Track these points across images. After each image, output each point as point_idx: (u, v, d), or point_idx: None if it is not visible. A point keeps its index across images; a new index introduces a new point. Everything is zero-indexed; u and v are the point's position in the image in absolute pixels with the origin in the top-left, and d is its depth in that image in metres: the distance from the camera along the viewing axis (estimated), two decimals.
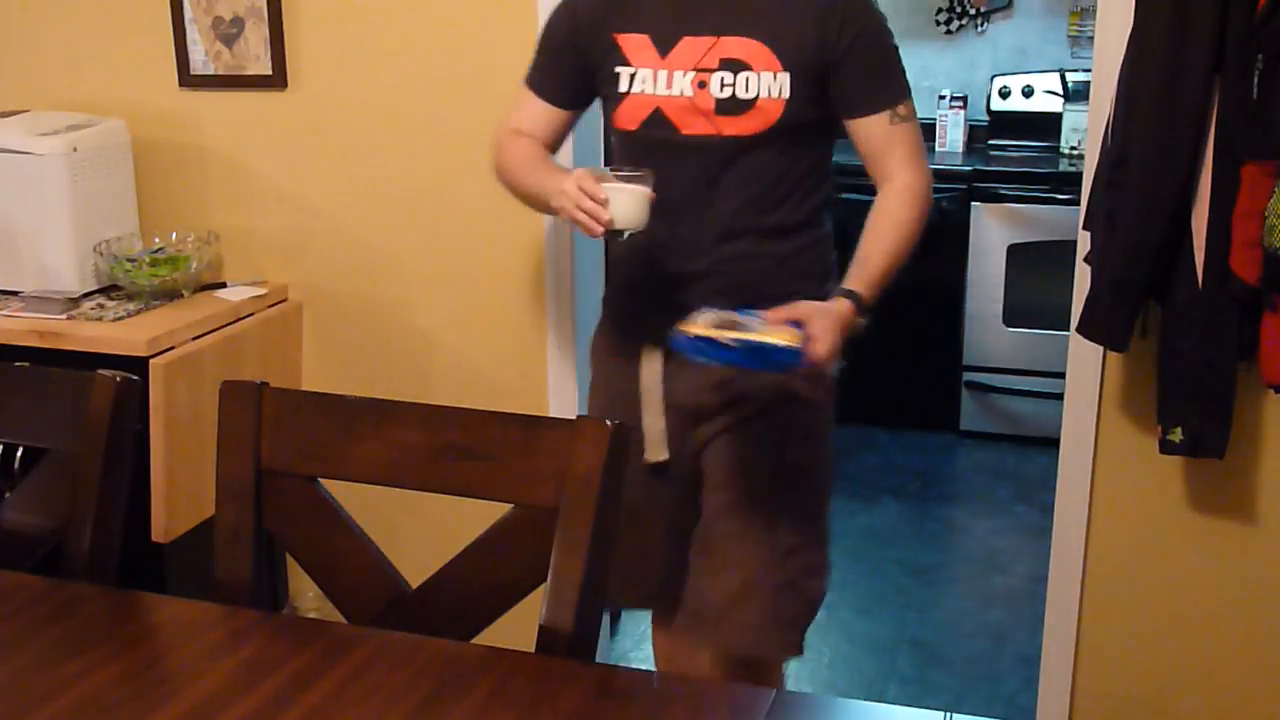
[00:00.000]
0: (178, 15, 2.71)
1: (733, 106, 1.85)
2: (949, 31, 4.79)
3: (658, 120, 1.89)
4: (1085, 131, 2.31)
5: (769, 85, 1.84)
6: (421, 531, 2.29)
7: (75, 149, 2.58)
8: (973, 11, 4.74)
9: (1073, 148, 4.43)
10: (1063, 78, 4.55)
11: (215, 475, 1.50)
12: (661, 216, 1.81)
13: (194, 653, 1.29)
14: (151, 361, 2.38)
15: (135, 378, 1.59)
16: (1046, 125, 4.55)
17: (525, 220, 2.51)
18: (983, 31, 4.77)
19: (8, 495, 1.68)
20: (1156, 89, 1.97)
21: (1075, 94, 4.43)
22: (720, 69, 1.85)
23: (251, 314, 2.67)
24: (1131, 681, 2.40)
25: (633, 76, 1.90)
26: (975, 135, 4.69)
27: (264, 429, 1.46)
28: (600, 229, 1.74)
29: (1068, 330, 2.27)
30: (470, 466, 1.40)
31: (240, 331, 2.62)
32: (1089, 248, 2.16)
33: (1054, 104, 4.55)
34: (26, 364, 1.88)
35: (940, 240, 4.37)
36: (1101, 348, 2.22)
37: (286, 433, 1.46)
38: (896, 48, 1.90)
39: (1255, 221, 1.95)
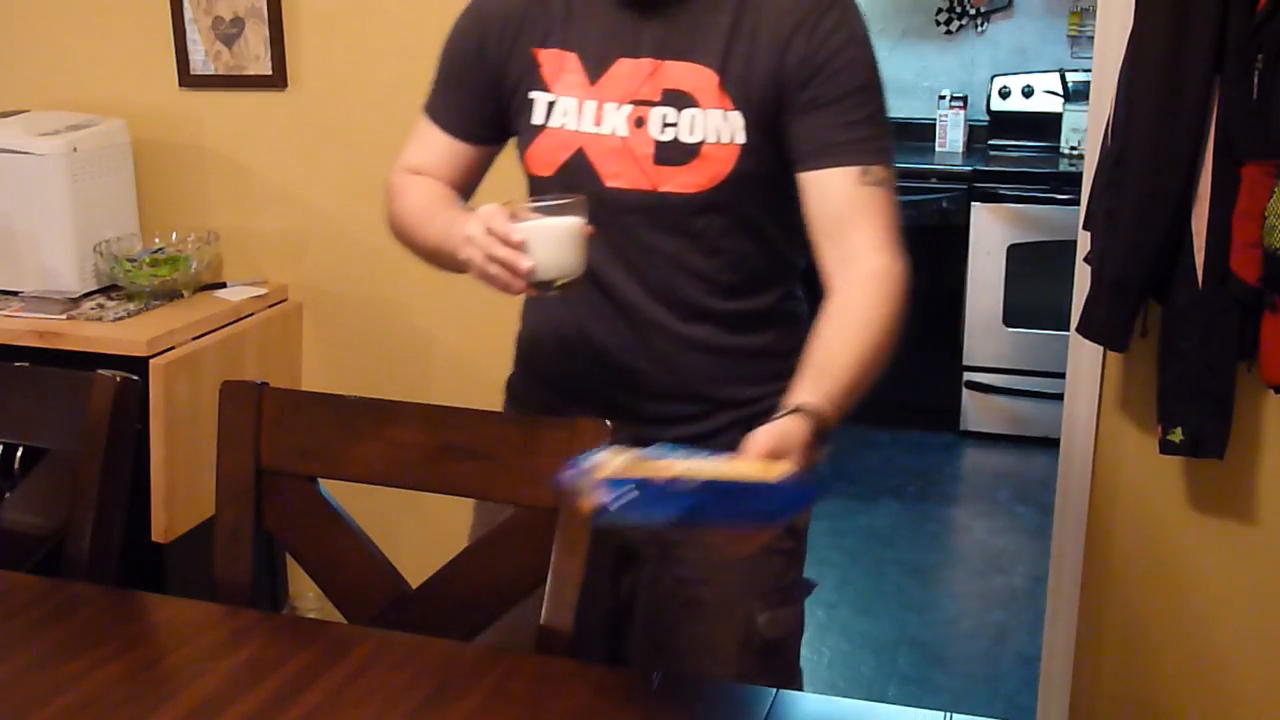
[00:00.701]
0: (178, 15, 2.71)
1: (675, 154, 1.43)
2: (949, 31, 4.79)
3: (579, 166, 1.47)
4: (1085, 131, 2.31)
5: (717, 127, 1.43)
6: (421, 531, 2.29)
7: (75, 149, 2.58)
8: (973, 11, 4.74)
9: (1073, 148, 4.43)
10: (1063, 78, 4.55)
11: (215, 475, 1.50)
12: (585, 294, 1.44)
13: (194, 653, 1.29)
14: (151, 361, 2.38)
15: (135, 378, 1.59)
16: (1046, 125, 4.55)
17: None
18: (983, 31, 4.77)
19: (8, 495, 1.68)
20: (1156, 89, 1.97)
21: (1075, 94, 4.43)
22: (662, 103, 1.44)
23: (251, 314, 2.67)
24: (1131, 681, 2.40)
25: (551, 105, 1.48)
26: (975, 135, 4.70)
27: (264, 429, 1.45)
28: (519, 283, 1.31)
29: (1068, 330, 2.27)
30: (471, 467, 1.40)
31: (240, 331, 2.62)
32: (1089, 248, 2.16)
33: (1054, 104, 4.55)
34: (26, 364, 1.88)
35: (940, 240, 4.37)
36: (1101, 348, 2.22)
37: (286, 433, 1.46)
38: (883, 88, 1.46)
39: (1255, 221, 1.95)
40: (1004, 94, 4.64)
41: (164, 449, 2.38)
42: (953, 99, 4.66)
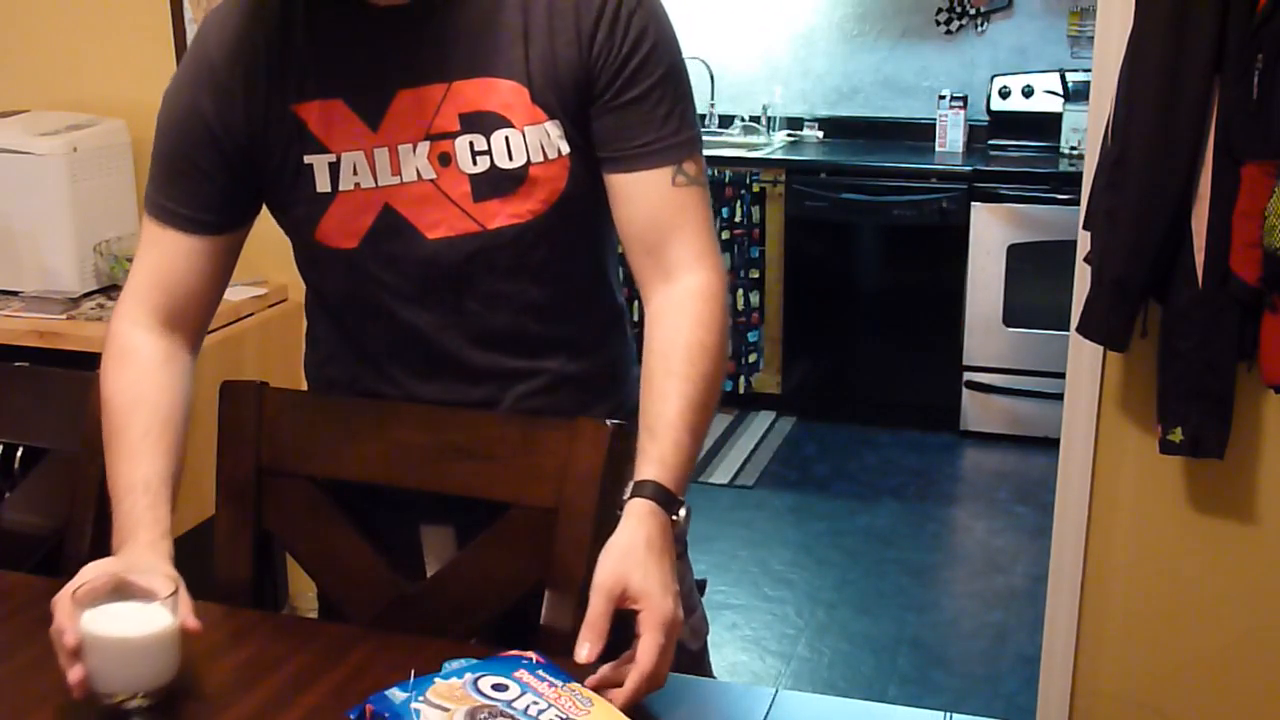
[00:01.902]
0: (178, 15, 2.71)
1: (496, 184, 1.27)
2: (949, 31, 4.80)
3: (390, 225, 1.28)
4: (1085, 131, 2.31)
5: (540, 141, 1.26)
6: None
7: (75, 149, 2.58)
8: (973, 11, 4.74)
9: (1073, 148, 4.43)
10: (1063, 78, 4.56)
11: (215, 475, 1.50)
12: (410, 348, 1.35)
13: (194, 653, 1.29)
14: None
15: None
16: (1046, 125, 4.55)
17: None
18: (983, 31, 4.77)
19: (8, 495, 1.68)
20: (1156, 89, 1.97)
21: (1075, 94, 4.44)
22: (464, 130, 1.26)
23: (251, 314, 2.67)
24: (1131, 681, 2.40)
25: (335, 166, 1.27)
26: (975, 135, 4.70)
27: (264, 429, 1.44)
28: (77, 692, 1.10)
29: (1068, 330, 2.27)
30: (471, 467, 1.38)
31: (240, 331, 2.62)
32: (1089, 248, 2.16)
33: (1054, 104, 4.55)
34: (26, 364, 1.88)
35: (940, 240, 4.37)
36: (1101, 348, 2.21)
37: (286, 433, 1.44)
38: (685, 69, 1.31)
39: (1255, 221, 1.95)
40: (1004, 94, 4.64)
41: None
42: (953, 99, 4.66)
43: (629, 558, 1.15)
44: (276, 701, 1.22)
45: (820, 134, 4.98)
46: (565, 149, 1.28)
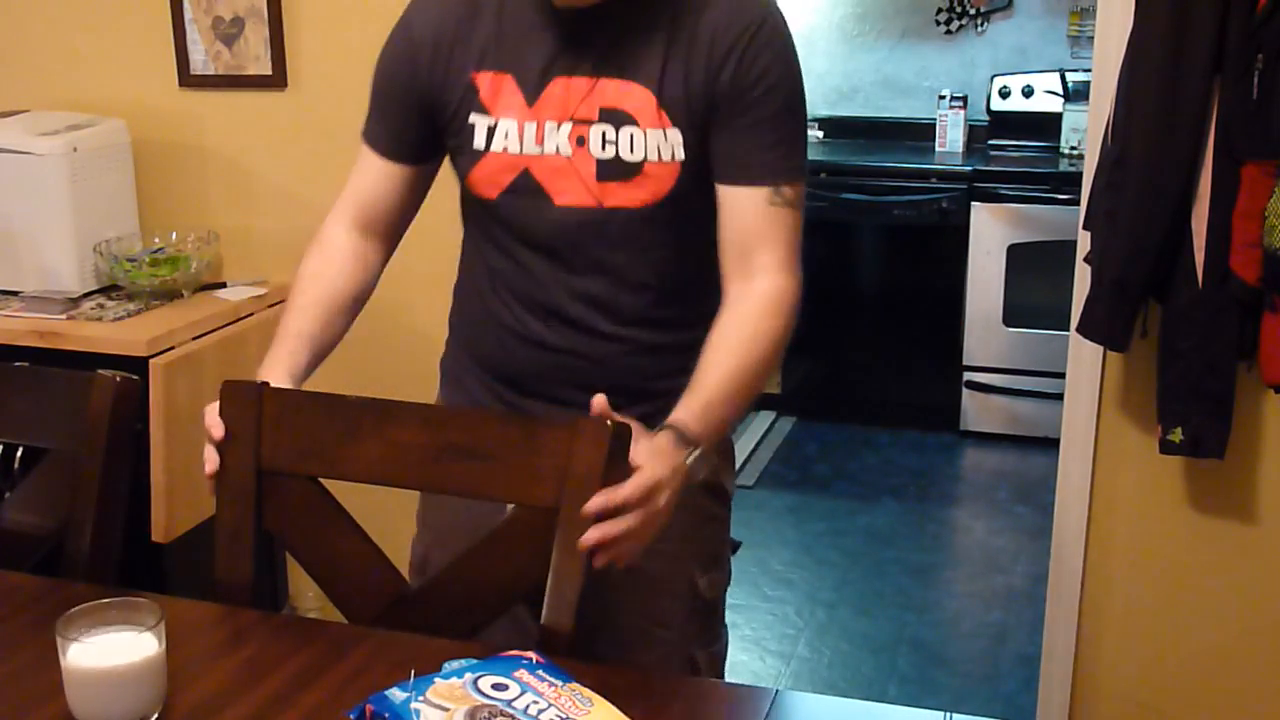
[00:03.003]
0: (178, 15, 2.71)
1: (617, 170, 1.46)
2: (949, 31, 4.80)
3: (526, 186, 1.49)
4: (1085, 131, 2.31)
5: (658, 145, 1.45)
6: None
7: (75, 149, 2.58)
8: (973, 11, 4.74)
9: (1073, 148, 4.43)
10: (1063, 78, 4.56)
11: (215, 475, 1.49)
12: (539, 291, 1.53)
13: (194, 653, 1.29)
14: (151, 361, 2.38)
15: (135, 378, 1.59)
16: (1046, 125, 4.55)
17: None
18: (983, 31, 4.77)
19: (8, 495, 1.68)
20: (1156, 89, 1.97)
21: (1075, 94, 4.44)
22: (600, 121, 1.46)
23: (251, 314, 2.67)
24: (1131, 681, 2.40)
25: (492, 129, 1.49)
26: (975, 135, 4.70)
27: (264, 429, 1.44)
28: (210, 485, 1.44)
29: (1068, 330, 2.27)
30: (471, 467, 1.40)
31: (240, 331, 2.62)
32: (1089, 248, 2.16)
33: (1054, 104, 4.55)
34: (26, 364, 1.88)
35: (940, 240, 4.37)
36: (1101, 348, 2.22)
37: (287, 432, 1.45)
38: (805, 106, 1.50)
39: (1255, 221, 1.95)
40: (1004, 94, 4.64)
41: (164, 449, 2.38)
42: (953, 99, 4.66)
43: (642, 450, 1.31)
44: (276, 701, 1.22)
45: (820, 134, 4.98)
46: (681, 155, 1.46)
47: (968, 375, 4.48)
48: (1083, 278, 2.20)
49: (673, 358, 1.54)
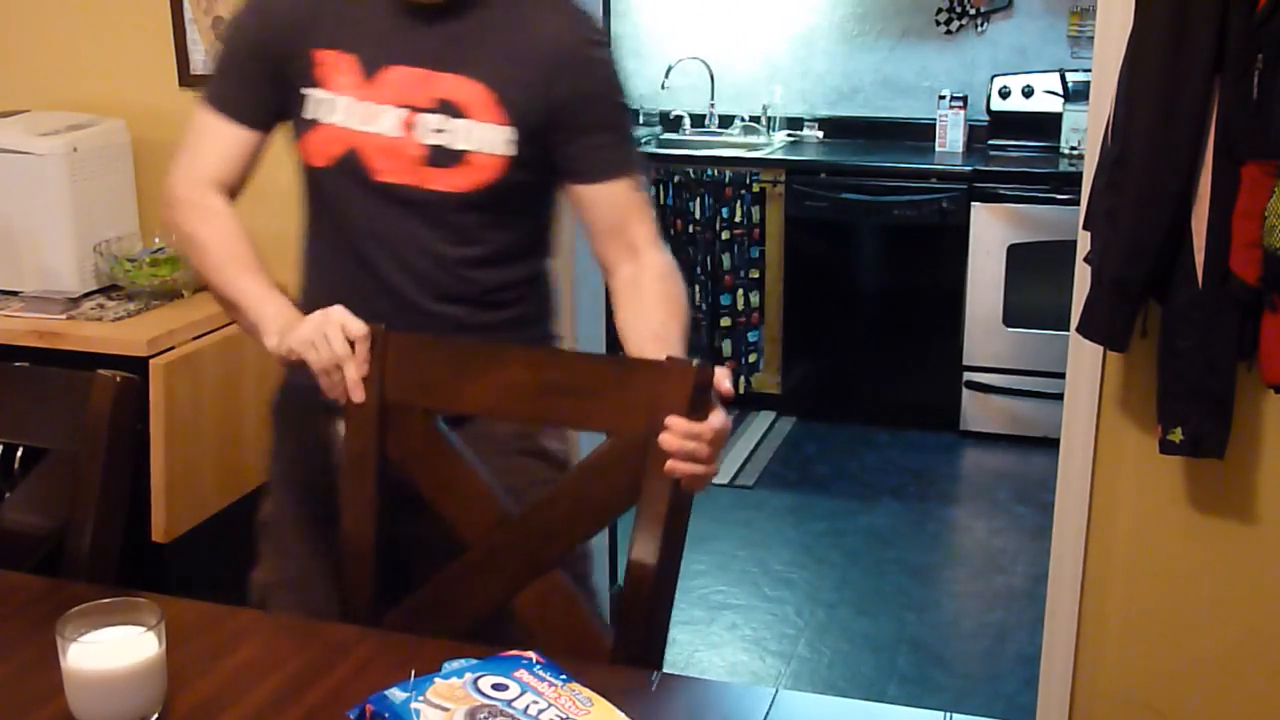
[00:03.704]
0: (178, 15, 2.71)
1: (441, 157, 1.58)
2: (949, 31, 4.80)
3: (350, 162, 1.60)
4: (1085, 131, 2.31)
5: (489, 138, 1.57)
6: None
7: (75, 149, 2.58)
8: (973, 11, 4.75)
9: (1073, 148, 4.43)
10: (1063, 78, 4.56)
11: (345, 408, 1.56)
12: (363, 263, 1.63)
13: (194, 653, 1.29)
14: (151, 361, 2.38)
15: (135, 378, 1.59)
16: (1046, 125, 4.55)
17: None
18: (983, 31, 4.77)
19: (8, 495, 1.68)
20: (1156, 89, 1.97)
21: (1075, 94, 4.43)
22: (435, 110, 1.57)
23: None
24: (1131, 681, 2.40)
25: (326, 103, 1.60)
26: (975, 135, 4.70)
27: (386, 368, 1.56)
28: (355, 396, 1.50)
29: (1068, 330, 2.27)
30: (569, 402, 1.54)
31: (240, 332, 2.61)
32: (1089, 248, 2.16)
33: (1054, 104, 4.55)
34: (26, 364, 1.88)
35: (940, 240, 4.37)
36: (1101, 348, 2.22)
37: (407, 371, 1.57)
38: (629, 112, 1.69)
39: (1255, 221, 1.95)
40: (1004, 94, 4.64)
41: (164, 449, 2.38)
42: (953, 99, 4.66)
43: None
44: (276, 701, 1.22)
45: (820, 134, 4.98)
46: (511, 152, 1.58)
47: (968, 375, 4.48)
48: (1083, 278, 2.20)
49: (491, 335, 1.66)
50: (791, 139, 4.97)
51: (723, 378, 1.46)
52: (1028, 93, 4.61)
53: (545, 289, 1.77)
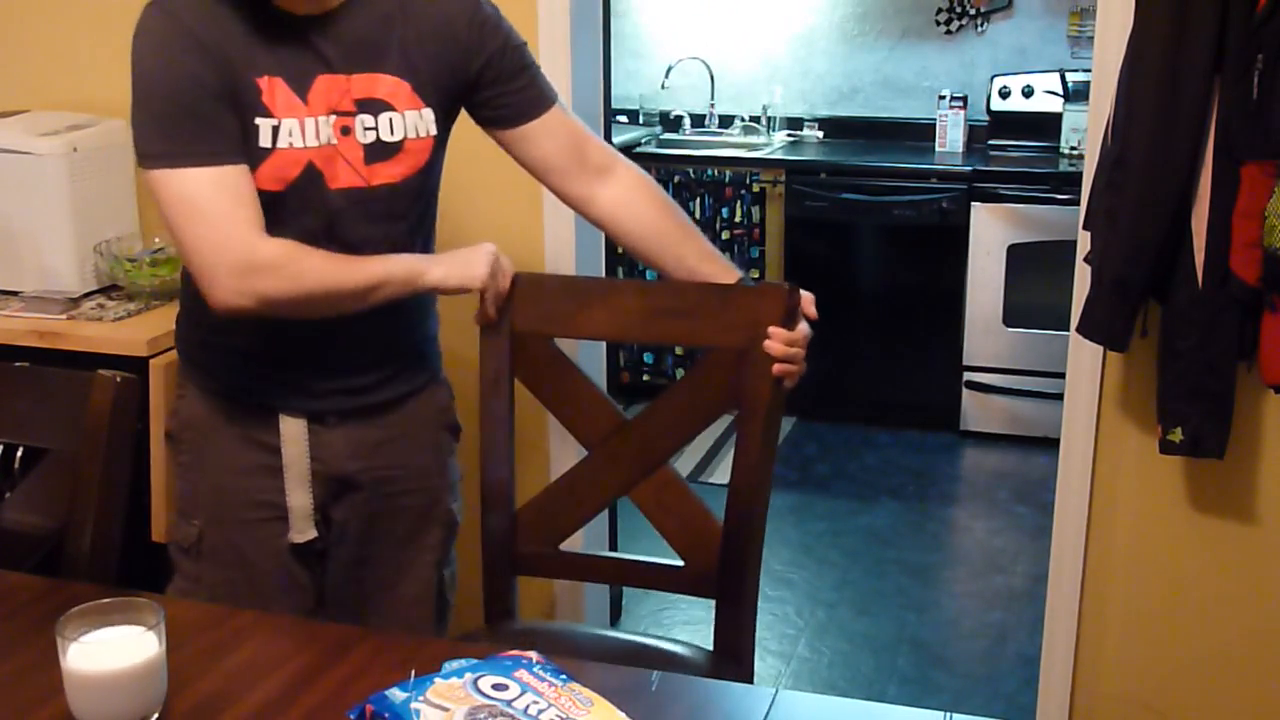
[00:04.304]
0: None
1: (381, 151, 1.66)
2: (949, 31, 4.80)
3: (309, 176, 1.63)
4: (1085, 131, 2.31)
5: (415, 124, 1.68)
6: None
7: (75, 149, 2.58)
8: (973, 11, 4.75)
9: (1073, 148, 4.43)
10: (1063, 78, 4.56)
11: (480, 337, 1.83)
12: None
13: (194, 653, 1.29)
14: (151, 361, 2.38)
15: (135, 378, 1.59)
16: (1046, 125, 4.55)
17: (524, 220, 2.51)
18: (983, 31, 4.77)
19: (8, 495, 1.68)
20: (1156, 89, 1.97)
21: (1075, 94, 4.44)
22: (359, 111, 1.64)
23: None
24: (1131, 681, 2.40)
25: (276, 129, 1.60)
26: (975, 135, 4.70)
27: (515, 301, 1.81)
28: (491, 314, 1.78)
29: (1068, 330, 2.27)
30: (678, 323, 1.80)
31: None
32: (1089, 248, 2.16)
33: (1054, 104, 4.55)
34: (26, 364, 1.88)
35: (940, 240, 4.37)
36: (1101, 348, 2.22)
37: (533, 304, 1.82)
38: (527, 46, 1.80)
39: (1255, 221, 1.95)
40: (1004, 94, 4.64)
41: (164, 449, 2.38)
42: (953, 99, 4.66)
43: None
44: (276, 701, 1.22)
45: (820, 134, 4.98)
46: (434, 131, 1.70)
47: (968, 375, 4.48)
48: (1083, 278, 2.20)
49: (419, 307, 1.81)
50: (791, 139, 4.97)
51: (809, 302, 1.75)
52: (1028, 93, 4.61)
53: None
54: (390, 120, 1.66)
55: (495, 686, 1.12)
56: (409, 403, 1.82)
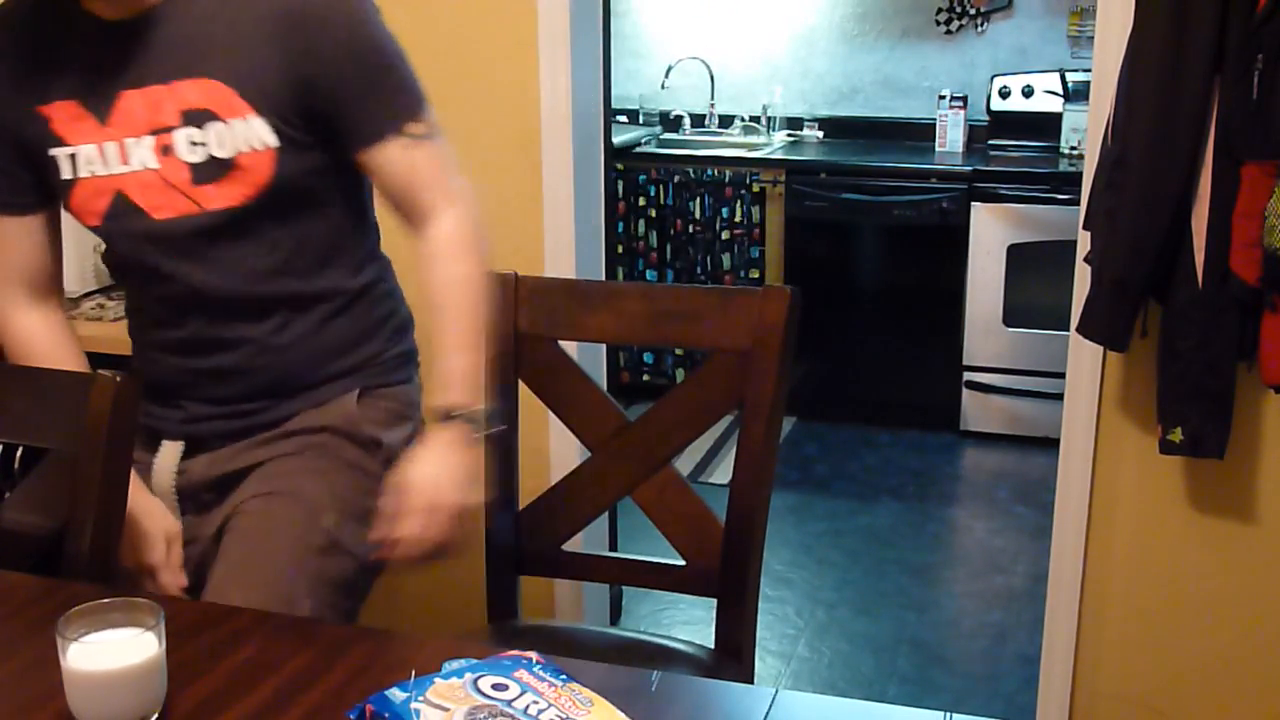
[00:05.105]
0: None
1: (211, 171, 1.46)
2: (949, 31, 4.80)
3: (124, 207, 1.49)
4: (1085, 131, 2.31)
5: (246, 135, 1.45)
6: None
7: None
8: (973, 11, 4.75)
9: (1073, 148, 4.43)
10: (1063, 78, 4.56)
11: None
12: (181, 310, 1.56)
13: (194, 653, 1.29)
14: None
15: (135, 378, 1.59)
16: (1046, 125, 4.55)
17: (523, 220, 2.51)
18: (983, 31, 4.77)
19: (8, 495, 1.68)
20: (1156, 89, 1.97)
21: (1075, 94, 4.44)
22: (183, 125, 1.45)
23: None
24: (1131, 681, 2.40)
25: (74, 158, 1.48)
26: (975, 135, 4.70)
27: (519, 304, 1.83)
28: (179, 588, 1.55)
29: (1068, 330, 2.27)
30: (680, 325, 1.81)
31: None
32: (1089, 248, 2.16)
33: (1054, 104, 4.55)
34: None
35: (940, 240, 4.37)
36: (1101, 348, 2.22)
37: (537, 307, 1.83)
38: (396, 49, 1.52)
39: (1255, 221, 1.95)
40: (1004, 94, 4.64)
41: None
42: (953, 99, 4.66)
43: (413, 465, 1.47)
44: (276, 701, 1.22)
45: (820, 134, 4.98)
46: (274, 142, 1.46)
47: (968, 375, 4.48)
48: (1083, 278, 2.20)
49: (320, 340, 1.60)
50: (791, 139, 4.97)
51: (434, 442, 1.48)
52: (1028, 93, 4.61)
53: (381, 305, 1.68)
54: (218, 132, 1.45)
55: (495, 686, 1.12)
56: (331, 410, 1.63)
